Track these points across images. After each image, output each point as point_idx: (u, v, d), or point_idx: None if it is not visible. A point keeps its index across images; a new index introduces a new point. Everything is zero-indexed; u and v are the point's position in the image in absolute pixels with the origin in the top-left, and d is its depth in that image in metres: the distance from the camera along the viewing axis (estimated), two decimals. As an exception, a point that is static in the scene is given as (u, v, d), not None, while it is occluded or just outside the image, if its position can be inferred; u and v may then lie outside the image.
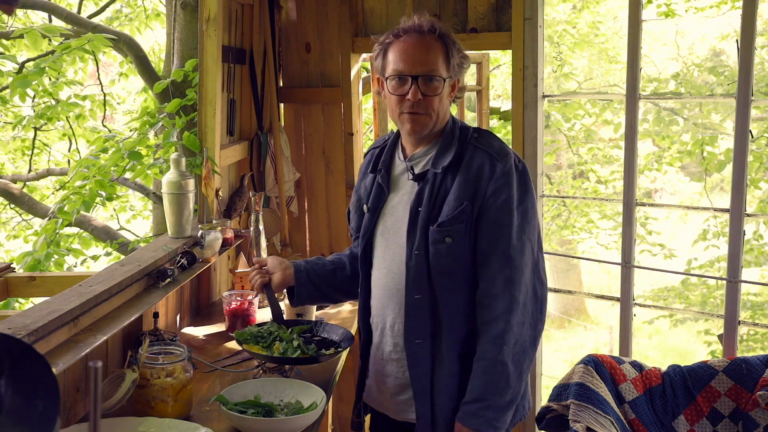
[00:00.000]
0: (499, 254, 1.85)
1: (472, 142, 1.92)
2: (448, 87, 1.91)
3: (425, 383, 1.91)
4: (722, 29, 8.04)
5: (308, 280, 2.12)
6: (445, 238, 1.86)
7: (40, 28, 4.61)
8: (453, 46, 1.89)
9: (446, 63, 1.88)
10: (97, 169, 4.15)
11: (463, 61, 1.93)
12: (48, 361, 1.40)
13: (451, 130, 1.95)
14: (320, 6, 3.38)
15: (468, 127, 1.98)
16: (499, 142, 1.93)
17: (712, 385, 2.78)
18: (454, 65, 1.90)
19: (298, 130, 3.52)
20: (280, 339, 2.13)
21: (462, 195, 1.86)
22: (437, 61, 1.87)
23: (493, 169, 1.87)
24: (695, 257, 7.33)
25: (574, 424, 2.54)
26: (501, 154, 1.89)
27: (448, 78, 1.90)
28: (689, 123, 7.58)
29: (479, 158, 1.88)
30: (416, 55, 1.86)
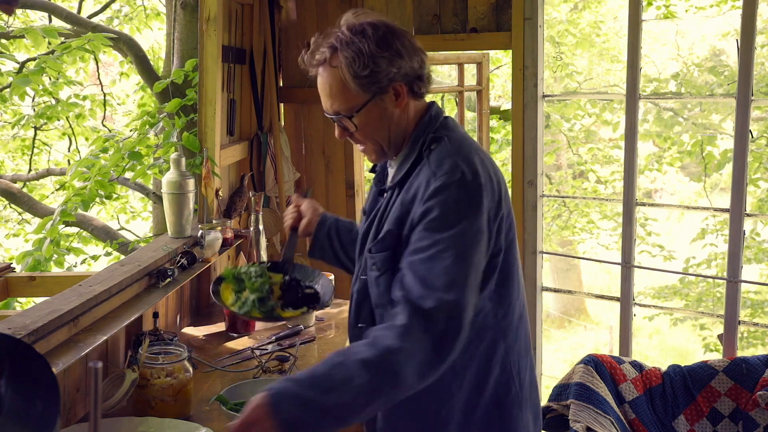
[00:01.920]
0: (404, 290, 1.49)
1: (425, 155, 1.61)
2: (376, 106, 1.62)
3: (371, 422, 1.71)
4: (722, 29, 8.05)
5: (327, 236, 1.96)
6: (371, 267, 1.64)
7: (40, 28, 4.61)
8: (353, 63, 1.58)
9: (348, 90, 1.60)
10: (97, 170, 4.15)
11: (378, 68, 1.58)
12: (48, 361, 1.40)
13: (417, 138, 1.66)
14: (320, 6, 3.38)
15: (430, 136, 1.65)
16: (448, 157, 1.57)
17: (712, 385, 2.79)
18: (363, 83, 1.59)
19: (298, 130, 3.52)
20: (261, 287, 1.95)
21: (393, 219, 1.61)
22: (338, 96, 1.62)
23: (427, 188, 1.54)
24: (693, 255, 7.34)
25: (574, 424, 2.54)
26: (439, 172, 1.54)
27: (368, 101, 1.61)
28: (689, 123, 7.59)
29: (421, 176, 1.58)
30: (322, 94, 1.66)
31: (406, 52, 1.62)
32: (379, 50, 1.58)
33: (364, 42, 1.58)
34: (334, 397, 1.39)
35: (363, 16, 1.66)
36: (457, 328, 1.47)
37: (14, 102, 6.42)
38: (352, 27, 1.62)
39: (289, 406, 1.37)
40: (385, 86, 1.61)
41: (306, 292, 2.02)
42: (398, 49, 1.60)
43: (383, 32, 1.61)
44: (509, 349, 1.66)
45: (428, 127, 1.66)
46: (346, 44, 1.59)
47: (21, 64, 5.78)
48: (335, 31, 1.63)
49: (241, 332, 2.61)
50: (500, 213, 1.59)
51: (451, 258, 1.48)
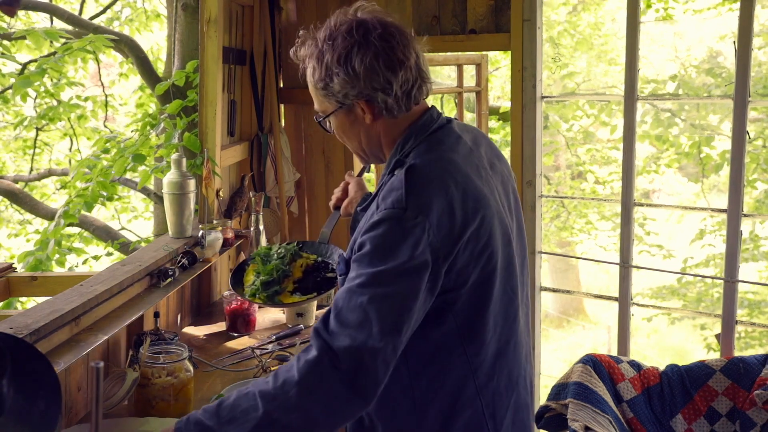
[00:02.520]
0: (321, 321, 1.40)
1: (386, 183, 1.49)
2: (343, 116, 1.55)
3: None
4: (720, 31, 8.06)
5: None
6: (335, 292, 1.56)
7: (41, 30, 4.62)
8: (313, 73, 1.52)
9: (317, 97, 1.56)
10: (99, 171, 4.17)
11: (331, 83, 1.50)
12: (50, 360, 1.41)
13: (392, 157, 1.54)
14: (320, 7, 3.39)
15: (395, 159, 1.52)
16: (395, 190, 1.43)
17: (709, 384, 2.80)
18: (321, 91, 1.53)
19: (299, 131, 3.53)
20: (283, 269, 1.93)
21: (350, 244, 1.51)
22: (313, 96, 1.57)
23: (369, 219, 1.44)
24: (691, 256, 7.36)
25: (573, 423, 2.55)
26: (382, 205, 1.43)
27: (335, 111, 1.54)
28: (687, 124, 7.60)
29: (373, 205, 1.48)
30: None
31: (365, 71, 1.47)
32: (336, 65, 1.48)
33: (328, 52, 1.49)
34: (232, 429, 1.35)
35: (359, 11, 1.54)
36: (367, 370, 1.34)
37: (16, 103, 6.44)
38: (331, 29, 1.52)
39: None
40: (346, 101, 1.52)
41: (327, 276, 1.96)
42: (355, 68, 1.47)
43: (350, 44, 1.48)
44: (482, 388, 1.52)
45: (406, 144, 1.53)
46: (317, 51, 1.52)
47: (23, 66, 5.79)
48: (320, 28, 1.55)
49: (242, 332, 2.62)
50: (455, 250, 1.42)
51: (367, 296, 1.36)
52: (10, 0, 1.84)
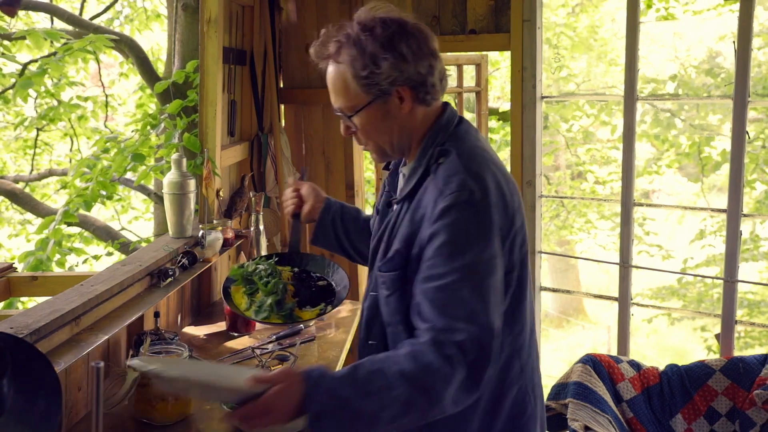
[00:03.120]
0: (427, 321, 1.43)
1: (433, 169, 1.53)
2: (378, 108, 1.55)
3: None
4: (719, 31, 8.06)
5: (332, 224, 1.88)
6: (382, 285, 1.57)
7: (42, 30, 4.63)
8: (354, 62, 1.52)
9: (348, 88, 1.55)
10: (99, 170, 4.17)
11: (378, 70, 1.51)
12: (50, 360, 1.42)
13: (426, 148, 1.57)
14: (320, 7, 3.39)
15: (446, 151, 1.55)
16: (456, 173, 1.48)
17: (709, 384, 2.80)
18: (362, 84, 1.52)
19: (299, 131, 3.53)
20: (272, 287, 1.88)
21: (401, 238, 1.53)
22: (339, 93, 1.57)
23: (435, 208, 1.46)
24: (691, 256, 7.36)
25: (573, 423, 2.55)
26: (447, 190, 1.46)
27: (370, 102, 1.54)
28: (686, 124, 7.61)
29: (429, 193, 1.50)
30: (329, 89, 1.59)
31: (412, 55, 1.52)
32: (382, 51, 1.50)
33: (369, 41, 1.51)
34: (369, 404, 1.34)
35: (379, 10, 1.57)
36: (486, 357, 1.41)
37: (17, 103, 6.44)
38: (363, 22, 1.54)
39: (322, 399, 1.33)
40: (386, 89, 1.52)
41: (318, 284, 1.95)
42: (403, 52, 1.51)
43: (391, 32, 1.51)
44: (524, 366, 1.60)
45: (437, 137, 1.57)
46: (353, 41, 1.52)
47: (23, 66, 5.79)
48: (347, 25, 1.56)
49: (242, 332, 2.62)
50: (513, 229, 1.51)
51: (467, 288, 1.41)
52: (10, 0, 1.85)
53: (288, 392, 1.32)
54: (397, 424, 1.37)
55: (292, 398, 1.32)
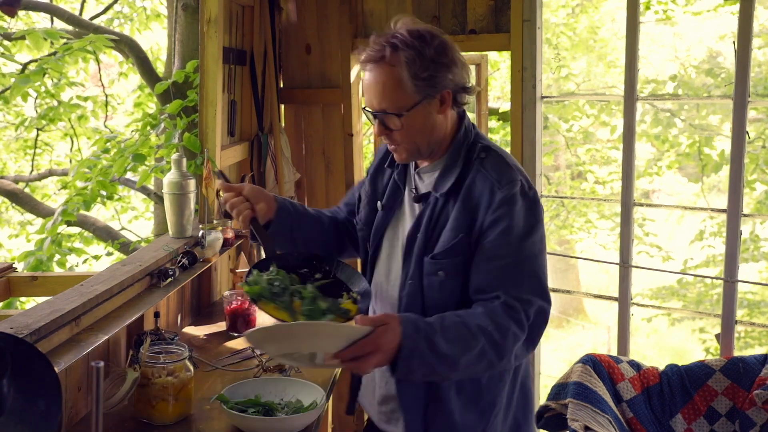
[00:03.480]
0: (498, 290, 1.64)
1: (476, 163, 1.72)
2: (423, 108, 1.68)
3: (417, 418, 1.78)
4: (719, 31, 8.06)
5: (287, 220, 1.90)
6: (438, 272, 1.71)
7: (41, 30, 4.63)
8: (412, 65, 1.64)
9: (403, 90, 1.65)
10: (99, 170, 4.17)
11: (436, 74, 1.66)
12: (50, 360, 1.42)
13: (458, 148, 1.75)
14: (320, 7, 3.39)
15: (477, 144, 1.76)
16: (505, 167, 1.71)
17: (709, 384, 2.80)
18: (419, 86, 1.66)
19: (299, 131, 3.53)
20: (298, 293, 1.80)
21: (458, 226, 1.69)
22: (390, 94, 1.66)
23: (492, 197, 1.66)
24: (691, 257, 7.35)
25: (573, 423, 2.55)
26: (503, 181, 1.67)
27: (418, 102, 1.67)
28: (686, 124, 7.60)
29: (480, 184, 1.69)
30: (372, 91, 1.69)
31: (459, 63, 1.70)
32: (438, 56, 1.66)
33: (424, 46, 1.65)
34: (452, 349, 1.54)
35: (419, 24, 1.72)
36: (544, 324, 1.66)
37: (17, 103, 6.44)
38: (412, 31, 1.67)
39: (417, 339, 1.51)
40: (435, 92, 1.68)
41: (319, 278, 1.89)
42: (453, 59, 1.68)
43: (440, 41, 1.68)
44: None
45: (466, 137, 1.76)
46: (408, 45, 1.65)
47: (23, 66, 5.79)
48: (392, 32, 1.68)
49: (242, 332, 2.62)
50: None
51: (529, 265, 1.65)
52: (10, 0, 1.85)
53: (392, 331, 1.49)
54: (469, 370, 1.60)
55: (395, 337, 1.49)
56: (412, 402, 1.78)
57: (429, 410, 1.77)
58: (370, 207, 1.92)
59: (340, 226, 2.04)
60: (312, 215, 1.99)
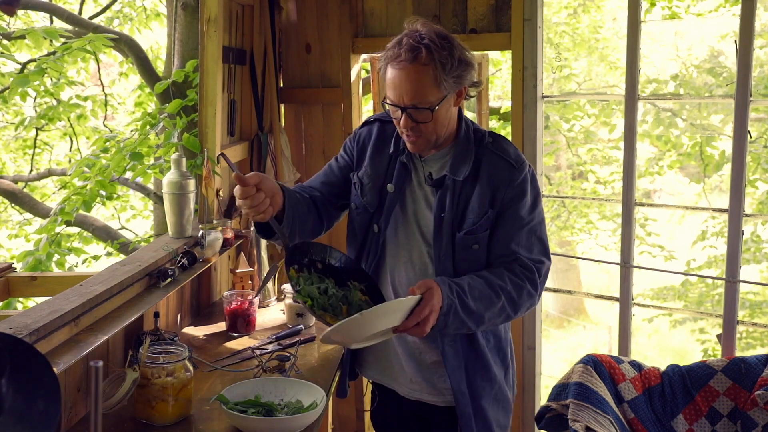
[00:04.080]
0: (516, 251, 1.92)
1: (489, 147, 1.96)
2: (447, 102, 1.88)
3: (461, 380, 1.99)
4: (721, 30, 8.05)
5: (293, 211, 1.90)
6: (472, 245, 1.92)
7: (41, 29, 4.62)
8: (445, 64, 1.83)
9: (436, 86, 1.84)
10: (98, 170, 4.16)
11: (462, 72, 1.87)
12: (49, 360, 1.41)
13: (465, 136, 1.97)
14: (320, 7, 3.39)
15: (481, 131, 2.00)
16: (514, 148, 1.98)
17: (710, 384, 2.79)
18: (449, 82, 1.85)
19: (299, 131, 3.53)
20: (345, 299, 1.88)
21: (484, 202, 1.92)
22: (424, 90, 1.84)
23: (511, 177, 1.92)
24: (694, 258, 7.34)
25: (574, 424, 2.54)
26: (518, 162, 1.94)
27: (444, 97, 1.86)
28: (687, 124, 7.59)
29: (497, 165, 1.94)
30: (403, 86, 1.84)
31: (474, 62, 1.90)
32: (462, 56, 1.86)
33: (453, 48, 1.84)
34: (479, 305, 1.82)
35: (433, 25, 1.89)
36: (545, 281, 1.96)
37: (16, 103, 6.44)
38: (438, 32, 1.85)
39: (453, 298, 1.78)
40: (458, 88, 1.88)
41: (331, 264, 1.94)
42: (472, 58, 1.89)
43: (458, 42, 1.88)
44: None
45: (468, 126, 1.99)
46: (440, 46, 1.82)
47: (22, 65, 5.79)
48: (419, 33, 1.84)
49: (242, 332, 2.62)
50: None
51: (540, 231, 1.96)
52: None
53: (437, 293, 1.75)
54: (491, 323, 1.89)
55: (440, 298, 1.75)
56: (456, 367, 1.98)
57: (470, 370, 2.00)
58: (376, 189, 2.04)
59: (320, 207, 2.09)
60: (303, 200, 2.00)
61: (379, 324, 1.71)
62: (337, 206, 2.14)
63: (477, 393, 2.01)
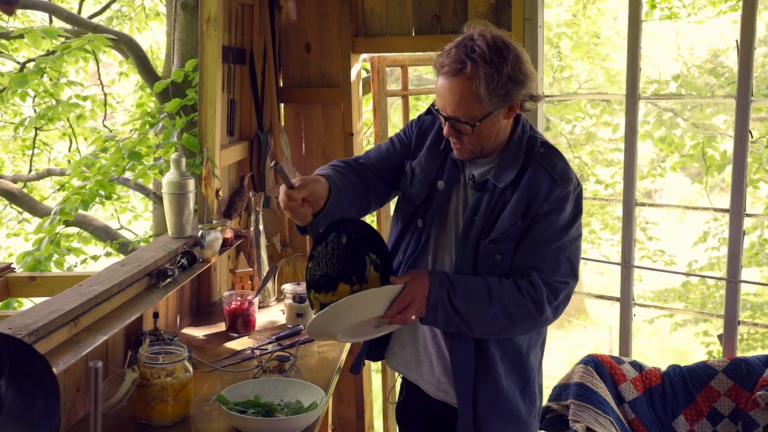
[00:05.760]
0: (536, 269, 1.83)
1: (537, 157, 1.87)
2: (493, 117, 1.80)
3: (468, 384, 1.92)
4: (722, 30, 8.05)
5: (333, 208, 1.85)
6: (495, 255, 1.86)
7: (40, 29, 4.61)
8: (490, 82, 1.74)
9: (479, 103, 1.76)
10: (97, 169, 4.15)
11: (511, 89, 1.77)
12: (48, 360, 1.40)
13: (518, 143, 1.89)
14: (320, 6, 3.38)
15: (535, 139, 1.91)
16: (563, 164, 1.89)
17: (711, 385, 2.79)
18: (494, 99, 1.76)
19: (299, 131, 3.52)
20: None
21: (516, 212, 1.84)
22: (466, 105, 1.77)
23: (551, 191, 1.84)
24: (695, 260, 7.33)
25: (574, 424, 2.54)
26: (563, 178, 1.85)
27: (489, 113, 1.78)
28: (689, 124, 7.59)
29: (540, 177, 1.85)
30: (446, 97, 1.79)
31: (531, 76, 1.81)
32: (514, 74, 1.76)
33: (503, 63, 1.74)
34: (467, 308, 1.77)
35: (493, 31, 1.79)
36: (567, 303, 1.88)
37: (15, 102, 6.43)
38: (491, 45, 1.75)
39: (441, 292, 1.76)
40: (507, 104, 1.80)
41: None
42: (527, 73, 1.79)
43: (515, 55, 1.77)
44: None
45: (524, 132, 1.90)
46: (487, 61, 1.73)
47: (21, 65, 5.78)
48: (471, 44, 1.75)
49: (241, 332, 2.61)
50: None
51: (571, 251, 1.86)
52: (8, -2, 1.83)
53: (421, 282, 1.75)
54: (483, 329, 1.83)
55: (424, 287, 1.75)
56: (463, 369, 1.92)
57: (478, 376, 1.92)
58: (425, 183, 1.97)
59: (371, 187, 2.00)
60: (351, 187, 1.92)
61: (360, 313, 1.72)
62: (389, 185, 2.05)
63: (480, 401, 1.93)
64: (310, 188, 1.76)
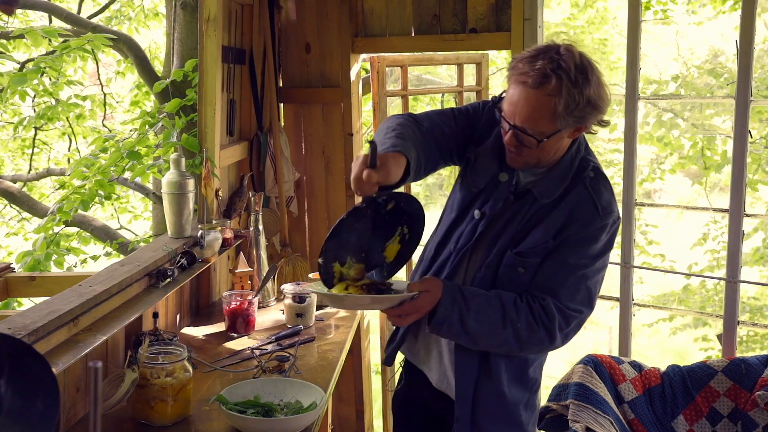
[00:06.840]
0: (553, 294, 1.82)
1: (585, 181, 1.83)
2: (560, 135, 1.75)
3: (468, 388, 1.92)
4: (722, 30, 8.04)
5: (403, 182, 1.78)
6: (518, 267, 1.83)
7: (39, 29, 4.61)
8: (570, 102, 1.68)
9: (552, 120, 1.70)
10: (96, 169, 4.15)
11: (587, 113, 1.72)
12: (48, 361, 1.40)
13: (570, 161, 1.84)
14: (320, 6, 3.38)
15: (588, 161, 1.85)
16: (609, 194, 1.85)
17: (711, 385, 2.79)
18: (568, 120, 1.71)
19: (298, 131, 3.52)
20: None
21: (549, 231, 1.81)
22: (539, 120, 1.71)
23: (591, 220, 1.80)
24: (695, 262, 7.32)
25: (574, 424, 2.54)
26: (606, 210, 1.82)
27: (558, 131, 1.73)
28: (689, 124, 7.58)
29: (583, 202, 1.81)
30: (519, 107, 1.72)
31: (608, 102, 1.77)
32: (593, 98, 1.70)
33: (585, 84, 1.69)
34: (478, 329, 1.78)
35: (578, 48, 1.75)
36: (578, 330, 1.86)
37: (14, 102, 6.42)
38: (577, 63, 1.70)
39: (450, 308, 1.77)
40: (578, 126, 1.75)
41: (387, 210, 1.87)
42: (605, 99, 1.74)
43: (597, 79, 1.73)
44: None
45: (578, 152, 1.86)
46: (572, 81, 1.68)
47: (21, 65, 5.78)
48: (556, 57, 1.69)
49: (241, 332, 2.61)
50: None
51: (591, 281, 1.83)
52: (8, -2, 1.83)
53: (432, 297, 1.78)
54: (489, 348, 1.85)
55: (432, 302, 1.78)
56: (465, 373, 1.92)
57: (480, 381, 1.91)
58: (488, 174, 1.91)
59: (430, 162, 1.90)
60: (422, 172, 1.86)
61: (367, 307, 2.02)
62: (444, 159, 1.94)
63: (479, 407, 1.92)
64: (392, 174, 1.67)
